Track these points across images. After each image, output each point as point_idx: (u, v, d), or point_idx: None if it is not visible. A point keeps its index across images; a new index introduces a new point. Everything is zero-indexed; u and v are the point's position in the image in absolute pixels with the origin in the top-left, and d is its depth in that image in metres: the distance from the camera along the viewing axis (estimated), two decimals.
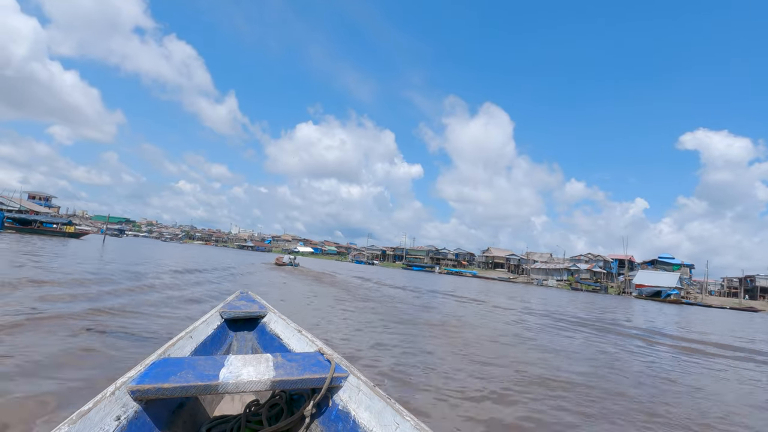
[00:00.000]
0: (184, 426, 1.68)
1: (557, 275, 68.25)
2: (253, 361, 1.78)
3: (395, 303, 11.88)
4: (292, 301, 10.06)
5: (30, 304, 5.30)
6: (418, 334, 6.85)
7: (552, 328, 9.81)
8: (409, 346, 5.62)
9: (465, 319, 9.84)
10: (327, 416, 1.72)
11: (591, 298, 35.35)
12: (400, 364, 4.55)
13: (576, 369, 5.41)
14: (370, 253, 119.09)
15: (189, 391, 1.46)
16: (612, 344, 8.23)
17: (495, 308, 13.89)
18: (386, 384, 3.72)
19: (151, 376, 1.47)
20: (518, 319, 11.29)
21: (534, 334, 8.41)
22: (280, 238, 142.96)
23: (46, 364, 3.18)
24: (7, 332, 3.89)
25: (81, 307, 5.42)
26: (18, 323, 4.24)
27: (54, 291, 6.49)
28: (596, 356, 6.63)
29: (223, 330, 2.64)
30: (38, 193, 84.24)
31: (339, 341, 5.40)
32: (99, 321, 4.81)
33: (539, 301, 21.75)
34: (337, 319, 7.59)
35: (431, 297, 16.15)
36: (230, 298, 3.22)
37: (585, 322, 12.50)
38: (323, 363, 1.86)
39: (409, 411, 1.49)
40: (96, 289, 7.20)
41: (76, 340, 3.90)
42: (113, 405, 1.32)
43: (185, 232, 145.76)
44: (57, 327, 4.29)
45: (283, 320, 2.73)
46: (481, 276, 72.55)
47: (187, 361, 1.67)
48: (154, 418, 1.47)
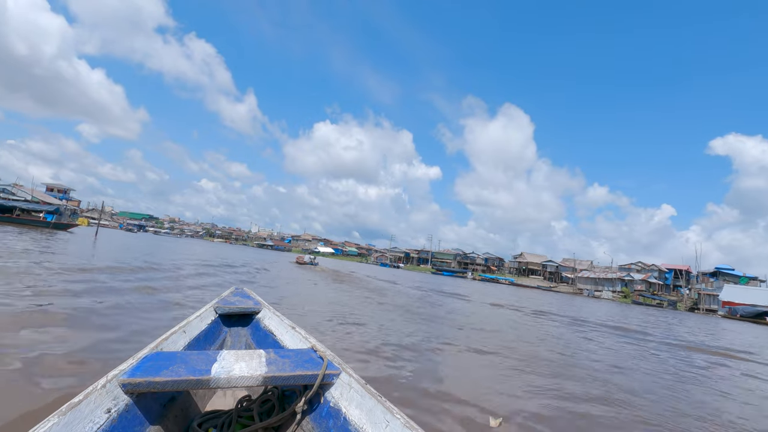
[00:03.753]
0: (175, 420, 1.66)
1: (609, 285, 61.11)
2: (246, 356, 1.77)
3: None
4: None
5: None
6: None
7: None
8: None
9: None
10: (318, 413, 1.71)
11: (669, 316, 28.90)
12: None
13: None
14: (393, 256, 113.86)
15: (180, 385, 1.45)
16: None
17: (627, 343, 8.44)
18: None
19: (142, 370, 1.46)
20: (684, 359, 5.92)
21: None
22: (300, 237, 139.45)
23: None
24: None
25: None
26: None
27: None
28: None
29: (217, 325, 2.61)
30: (56, 185, 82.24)
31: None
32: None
33: (643, 324, 15.93)
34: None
35: (536, 318, 11.01)
36: (225, 293, 3.19)
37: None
38: (316, 360, 1.85)
39: (399, 409, 1.48)
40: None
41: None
42: (104, 398, 1.31)
43: (206, 230, 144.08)
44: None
45: (278, 317, 2.69)
46: (520, 284, 66.04)
47: (180, 356, 1.67)
48: (145, 412, 1.46)
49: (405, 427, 1.39)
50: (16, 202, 28.19)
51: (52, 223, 28.08)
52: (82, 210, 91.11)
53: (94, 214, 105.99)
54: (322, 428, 1.66)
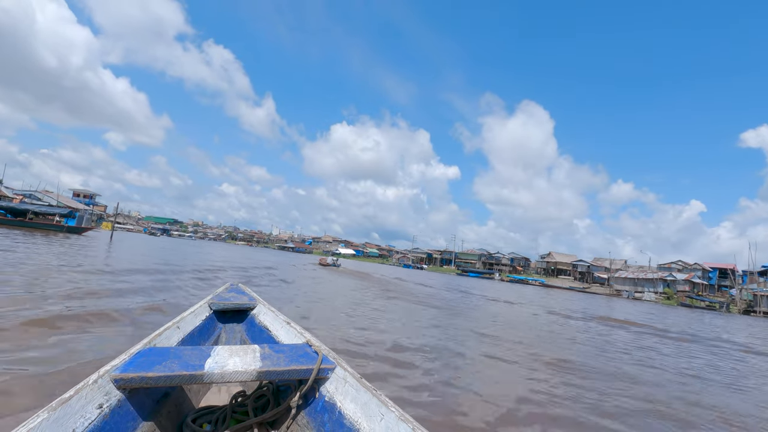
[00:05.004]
0: (169, 416, 1.63)
1: (649, 286, 57.24)
2: (240, 351, 1.75)
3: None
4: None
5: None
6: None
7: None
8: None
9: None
10: (313, 407, 1.70)
11: (739, 321, 25.80)
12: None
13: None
14: (415, 256, 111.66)
15: (173, 380, 1.43)
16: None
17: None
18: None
19: (135, 365, 1.44)
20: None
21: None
22: (320, 239, 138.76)
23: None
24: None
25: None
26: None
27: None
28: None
29: (211, 321, 2.58)
30: (83, 190, 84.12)
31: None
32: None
33: (706, 330, 13.41)
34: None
35: (588, 324, 8.97)
36: (220, 289, 3.11)
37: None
38: (311, 354, 1.84)
39: (393, 403, 1.47)
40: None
41: None
42: (95, 393, 1.28)
43: (228, 233, 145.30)
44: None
45: (273, 312, 2.66)
46: (551, 285, 62.81)
47: (173, 351, 1.65)
48: (138, 408, 1.44)
49: (400, 420, 1.37)
50: (29, 206, 27.35)
51: (66, 227, 27.09)
52: (108, 215, 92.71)
53: (119, 218, 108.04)
54: (317, 422, 1.63)
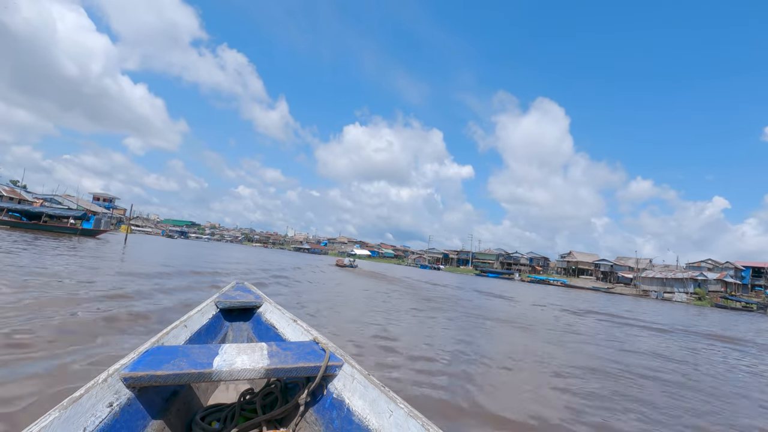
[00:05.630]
0: (178, 414, 1.63)
1: (679, 286, 54.70)
2: (248, 349, 1.76)
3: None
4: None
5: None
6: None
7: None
8: None
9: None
10: (321, 404, 1.70)
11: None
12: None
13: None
14: (431, 257, 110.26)
15: (182, 378, 1.44)
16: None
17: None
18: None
19: (144, 364, 1.45)
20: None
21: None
22: (335, 240, 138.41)
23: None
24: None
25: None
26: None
27: None
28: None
29: (218, 320, 2.57)
30: (102, 194, 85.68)
31: None
32: None
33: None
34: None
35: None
36: (226, 288, 3.16)
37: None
38: (318, 352, 1.84)
39: (402, 399, 1.46)
40: None
41: None
42: (105, 392, 1.29)
43: (245, 235, 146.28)
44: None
45: (279, 310, 2.67)
46: (573, 285, 60.77)
47: (181, 350, 1.66)
48: (147, 406, 1.44)
49: (409, 416, 1.37)
50: (44, 209, 27.18)
51: (80, 229, 26.78)
52: (127, 218, 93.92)
53: (138, 221, 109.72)
54: (326, 420, 1.63)
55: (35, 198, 44.72)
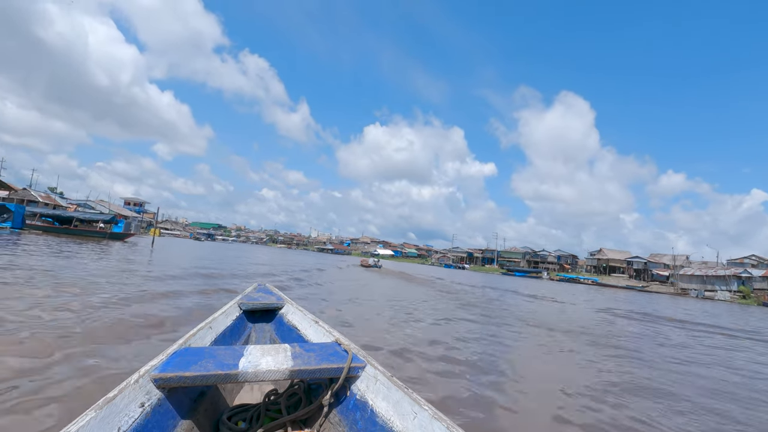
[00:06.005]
0: (206, 414, 1.67)
1: (721, 284, 51.68)
2: (272, 350, 1.78)
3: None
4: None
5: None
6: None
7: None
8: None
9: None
10: (345, 405, 1.70)
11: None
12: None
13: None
14: (455, 256, 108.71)
15: (209, 379, 1.47)
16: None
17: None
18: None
19: (172, 365, 1.48)
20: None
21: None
22: (358, 240, 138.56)
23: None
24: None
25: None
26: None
27: None
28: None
29: (241, 321, 2.62)
30: (133, 198, 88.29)
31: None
32: None
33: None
34: None
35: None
36: (248, 289, 3.18)
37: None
38: (340, 353, 1.84)
39: (426, 401, 1.44)
40: None
41: None
42: (137, 392, 1.33)
43: (269, 236, 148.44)
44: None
45: (301, 311, 2.69)
46: (605, 284, 58.43)
47: (207, 351, 1.69)
48: (177, 406, 1.48)
49: (433, 419, 1.35)
50: (74, 213, 27.96)
51: (108, 233, 27.44)
52: (157, 221, 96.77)
53: (167, 224, 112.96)
54: (349, 421, 1.62)
55: (69, 203, 46.33)
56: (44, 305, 4.64)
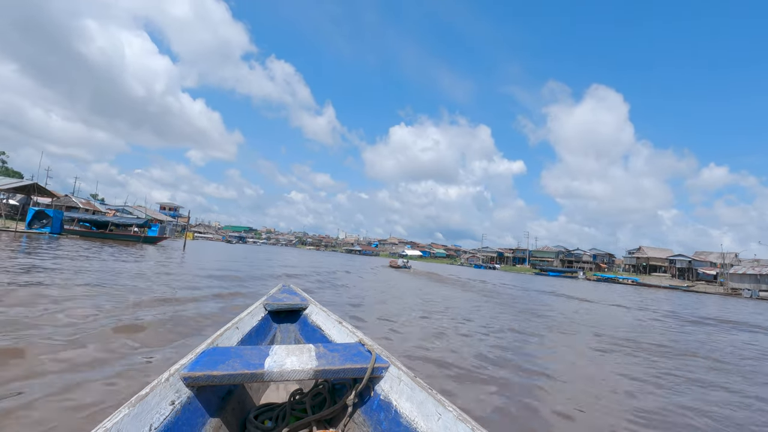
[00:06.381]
0: (233, 412, 1.69)
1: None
2: (296, 351, 1.80)
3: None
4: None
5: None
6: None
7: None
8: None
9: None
10: (369, 406, 1.70)
11: None
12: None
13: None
14: (484, 256, 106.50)
15: (236, 378, 1.49)
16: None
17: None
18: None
19: (201, 364, 1.51)
20: None
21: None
22: (386, 241, 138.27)
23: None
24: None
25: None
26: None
27: None
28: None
29: (266, 321, 2.65)
30: (168, 203, 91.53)
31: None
32: None
33: None
34: None
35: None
36: (273, 290, 3.23)
37: None
38: (364, 353, 1.84)
39: (450, 402, 1.42)
40: None
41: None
42: (168, 390, 1.36)
43: (298, 238, 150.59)
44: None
45: (324, 312, 2.71)
46: (646, 284, 55.44)
47: (234, 351, 1.72)
48: (206, 405, 1.51)
49: (458, 420, 1.33)
50: (110, 218, 28.95)
51: (142, 237, 28.24)
52: (191, 225, 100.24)
53: (200, 228, 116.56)
54: (374, 421, 1.62)
55: (108, 209, 48.20)
56: (68, 306, 4.36)
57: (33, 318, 3.97)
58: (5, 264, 8.16)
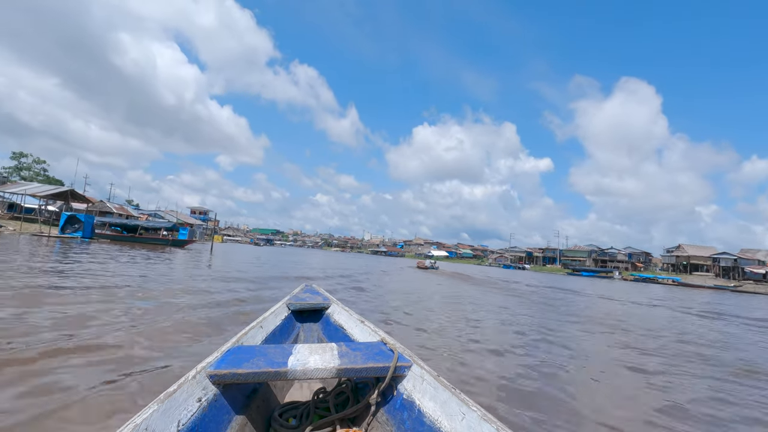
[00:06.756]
0: (258, 410, 1.70)
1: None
2: (319, 349, 1.80)
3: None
4: None
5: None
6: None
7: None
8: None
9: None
10: (392, 405, 1.70)
11: None
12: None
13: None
14: (513, 256, 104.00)
15: (261, 377, 1.52)
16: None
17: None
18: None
19: (227, 362, 1.54)
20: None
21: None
22: (411, 242, 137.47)
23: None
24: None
25: None
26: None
27: None
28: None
29: (290, 321, 2.68)
30: (198, 208, 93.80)
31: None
32: None
33: None
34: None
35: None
36: (296, 290, 3.26)
37: None
38: (386, 352, 1.84)
39: (474, 401, 1.40)
40: None
41: None
42: (195, 387, 1.38)
43: (324, 240, 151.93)
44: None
45: (347, 311, 2.71)
46: (689, 284, 52.36)
47: (258, 349, 1.76)
48: (231, 402, 1.53)
49: (483, 420, 1.31)
50: (138, 222, 29.63)
51: (170, 240, 28.68)
52: (220, 229, 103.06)
53: (229, 231, 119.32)
54: (397, 420, 1.62)
55: (141, 213, 49.70)
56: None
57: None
58: (45, 266, 8.07)
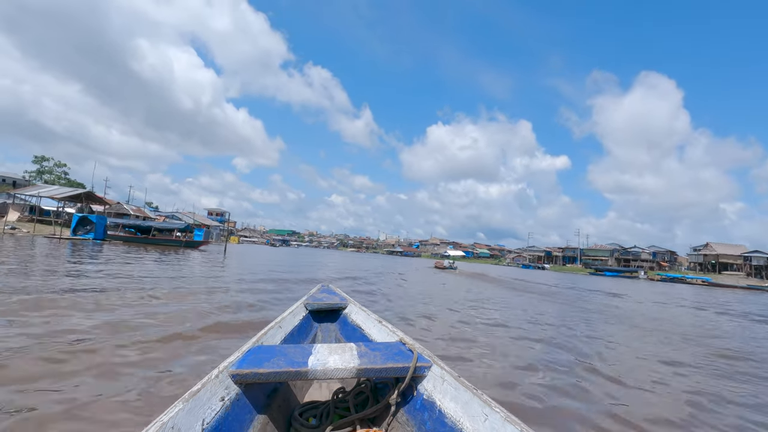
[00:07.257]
0: (279, 409, 1.71)
1: None
2: (338, 349, 1.80)
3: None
4: None
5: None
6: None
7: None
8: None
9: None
10: (412, 405, 1.68)
11: None
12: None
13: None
14: (531, 255, 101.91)
15: (281, 376, 1.53)
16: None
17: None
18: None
19: (248, 362, 1.56)
20: None
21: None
22: (427, 242, 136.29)
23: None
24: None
25: None
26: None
27: None
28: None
29: (308, 321, 2.69)
30: (215, 209, 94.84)
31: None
32: None
33: None
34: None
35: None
36: (313, 290, 3.27)
37: None
38: (406, 352, 1.83)
39: (497, 403, 1.38)
40: None
41: None
42: (218, 387, 1.40)
43: (339, 241, 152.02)
44: None
45: (364, 311, 2.72)
46: (719, 284, 50.01)
47: (278, 349, 1.76)
48: (253, 401, 1.54)
49: (506, 422, 1.28)
50: (152, 223, 29.63)
51: (184, 241, 28.38)
52: (237, 230, 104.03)
53: (245, 232, 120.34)
54: (418, 421, 1.60)
55: (158, 215, 50.12)
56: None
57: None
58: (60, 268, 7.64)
